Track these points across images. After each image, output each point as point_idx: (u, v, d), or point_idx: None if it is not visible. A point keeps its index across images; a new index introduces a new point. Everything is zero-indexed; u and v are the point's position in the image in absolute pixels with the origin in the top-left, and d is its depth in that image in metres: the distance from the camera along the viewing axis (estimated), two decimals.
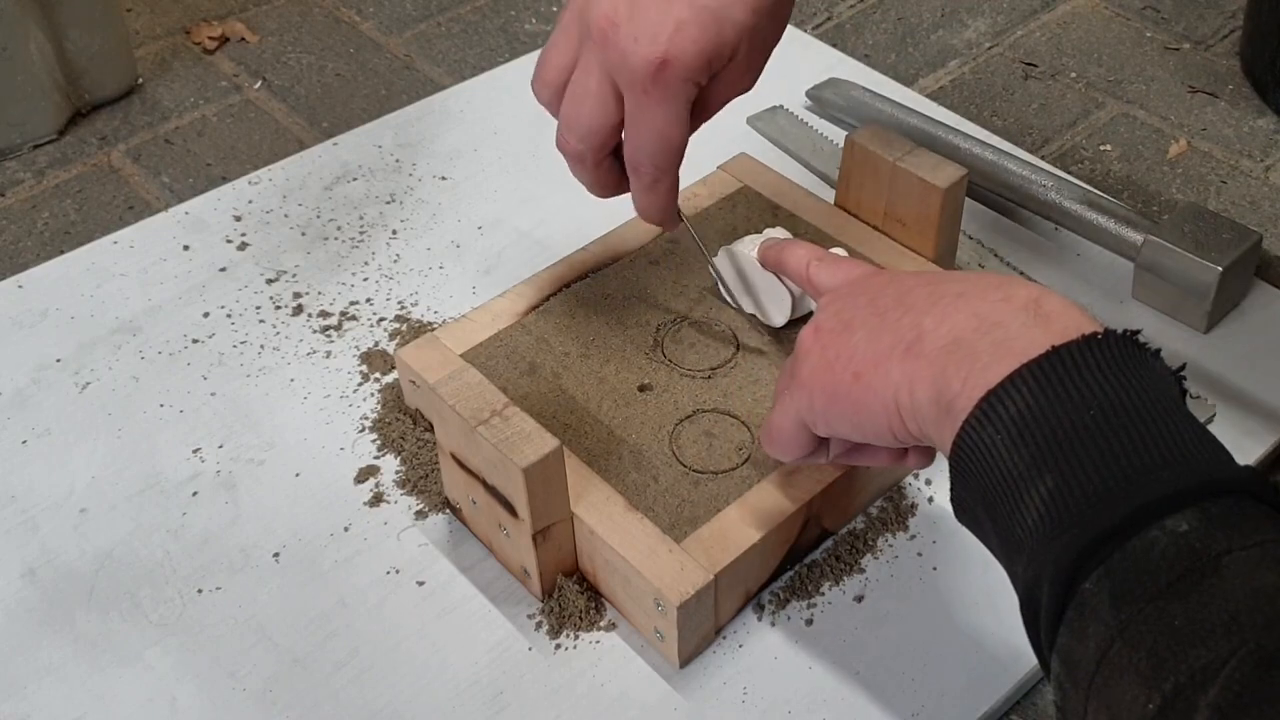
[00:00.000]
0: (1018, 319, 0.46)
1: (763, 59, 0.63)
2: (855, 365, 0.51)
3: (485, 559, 0.66)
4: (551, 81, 0.62)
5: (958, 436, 0.45)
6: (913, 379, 0.48)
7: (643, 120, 0.60)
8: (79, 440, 0.73)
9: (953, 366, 0.46)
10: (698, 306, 0.74)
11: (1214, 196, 0.90)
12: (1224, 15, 1.07)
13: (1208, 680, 0.36)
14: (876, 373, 0.50)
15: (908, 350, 0.49)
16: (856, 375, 0.50)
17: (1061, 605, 0.41)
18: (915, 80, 1.02)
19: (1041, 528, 0.42)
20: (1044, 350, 0.44)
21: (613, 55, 0.58)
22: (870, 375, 0.50)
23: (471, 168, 0.92)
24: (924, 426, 0.48)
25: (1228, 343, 0.77)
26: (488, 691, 0.61)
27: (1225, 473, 0.42)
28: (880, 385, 0.49)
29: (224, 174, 0.94)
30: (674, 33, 0.57)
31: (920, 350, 0.48)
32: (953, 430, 0.46)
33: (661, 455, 0.65)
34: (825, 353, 0.52)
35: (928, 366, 0.47)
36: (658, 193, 0.63)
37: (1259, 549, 0.39)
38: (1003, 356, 0.45)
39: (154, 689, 0.62)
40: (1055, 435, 0.43)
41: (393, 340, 0.78)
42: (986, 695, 0.60)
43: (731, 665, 0.62)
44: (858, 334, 0.51)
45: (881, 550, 0.66)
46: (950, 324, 0.48)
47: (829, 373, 0.52)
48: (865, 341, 0.51)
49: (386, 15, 1.12)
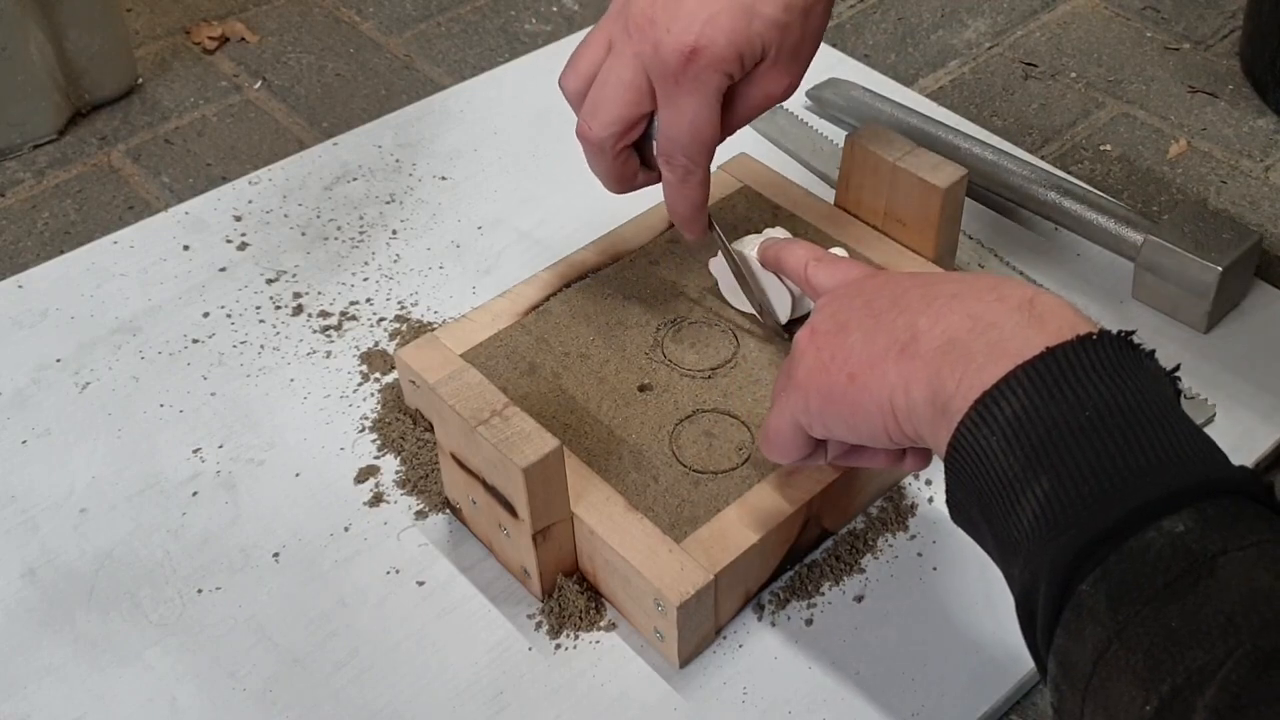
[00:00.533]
0: (1012, 319, 0.46)
1: (797, 66, 0.64)
2: (850, 366, 0.51)
3: (485, 559, 0.66)
4: (583, 72, 0.63)
5: (953, 438, 0.45)
6: (908, 380, 0.48)
7: (674, 109, 0.61)
8: (79, 440, 0.74)
9: (947, 368, 0.46)
10: (698, 306, 0.74)
11: (1214, 196, 0.90)
12: (1224, 15, 1.07)
13: (1204, 682, 0.36)
14: (872, 374, 0.50)
15: (902, 351, 0.49)
16: (852, 376, 0.50)
17: (1058, 607, 0.41)
18: (915, 80, 1.02)
19: (1037, 529, 0.42)
20: (1039, 351, 0.44)
21: (646, 46, 0.60)
22: (865, 376, 0.50)
23: (471, 168, 0.92)
24: (919, 428, 0.48)
25: (1228, 343, 0.77)
26: (488, 691, 0.61)
27: (1221, 473, 0.42)
28: (875, 386, 0.49)
29: (224, 174, 0.94)
30: (706, 22, 0.59)
31: (915, 351, 0.48)
32: (948, 432, 0.46)
33: (661, 455, 0.65)
34: (820, 354, 0.52)
35: (923, 368, 0.47)
36: (689, 186, 0.65)
37: (1255, 549, 0.39)
38: (998, 358, 0.45)
39: (154, 689, 0.62)
40: (1050, 437, 0.43)
41: (393, 340, 0.78)
42: (986, 695, 0.60)
43: (731, 665, 0.62)
44: (853, 335, 0.51)
45: (881, 550, 0.66)
46: (945, 325, 0.48)
47: (824, 374, 0.52)
48: (860, 343, 0.51)
49: (386, 15, 1.12)
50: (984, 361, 0.45)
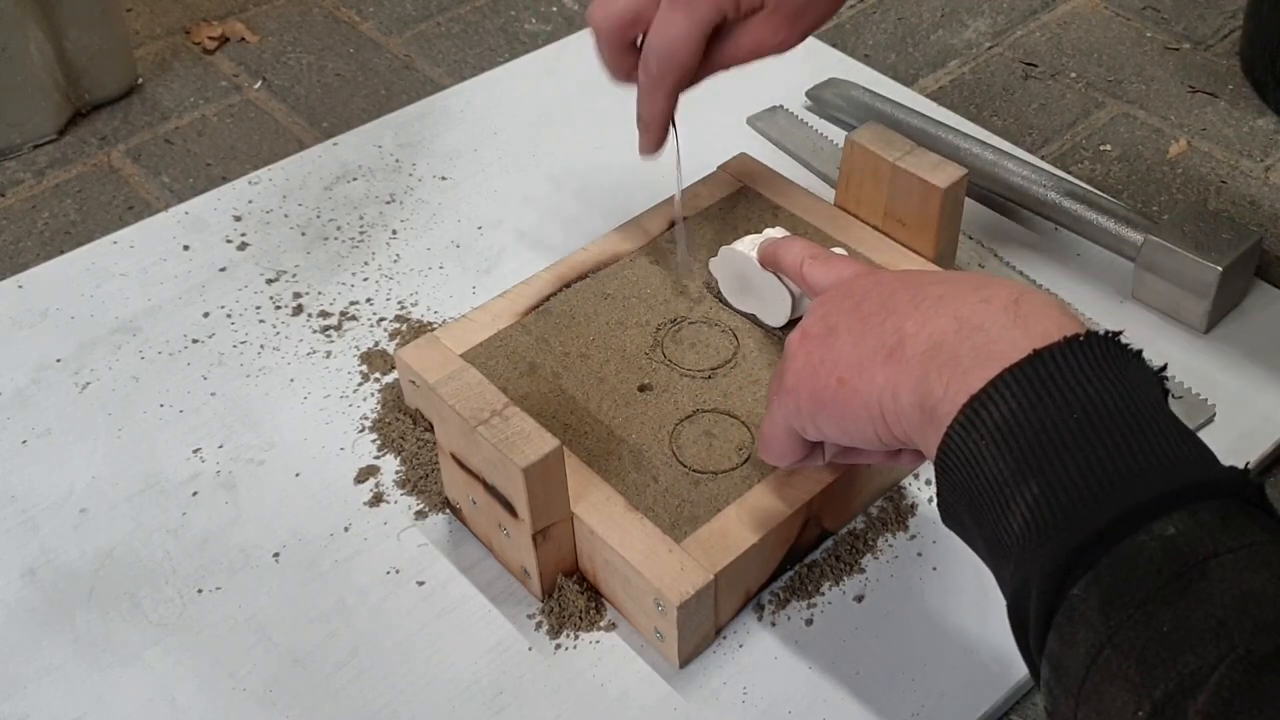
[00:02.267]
0: (998, 321, 0.46)
1: (797, 26, 0.66)
2: (840, 370, 0.51)
3: (485, 559, 0.66)
4: None
5: (942, 443, 0.45)
6: (896, 384, 0.48)
7: (664, 21, 0.64)
8: (79, 440, 0.74)
9: (935, 371, 0.46)
10: (698, 306, 0.74)
11: (1214, 196, 0.90)
12: (1224, 15, 1.07)
13: (1196, 687, 0.36)
14: (860, 378, 0.50)
15: (890, 355, 0.49)
16: (841, 380, 0.50)
17: (1050, 611, 0.41)
18: (915, 80, 1.02)
19: (1028, 534, 0.42)
20: (1025, 354, 0.44)
21: None
22: (854, 380, 0.50)
23: (471, 168, 0.92)
24: (909, 431, 0.48)
25: (1228, 343, 0.77)
26: (488, 691, 0.61)
27: (1212, 474, 0.42)
28: (864, 390, 0.49)
29: (224, 174, 0.94)
30: None
31: (902, 355, 0.48)
32: (937, 436, 0.46)
33: (661, 455, 0.65)
34: (810, 357, 0.52)
35: (910, 371, 0.47)
36: (654, 96, 0.67)
37: (1247, 551, 0.39)
38: (984, 361, 0.45)
39: (154, 689, 0.62)
40: (1039, 440, 0.42)
41: (393, 340, 0.78)
42: (986, 695, 0.60)
43: (731, 665, 0.62)
44: (841, 338, 0.51)
45: (881, 550, 0.66)
46: (931, 328, 0.48)
47: (814, 378, 0.52)
48: (849, 346, 0.51)
49: (386, 15, 1.12)
50: (970, 365, 0.45)
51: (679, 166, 0.73)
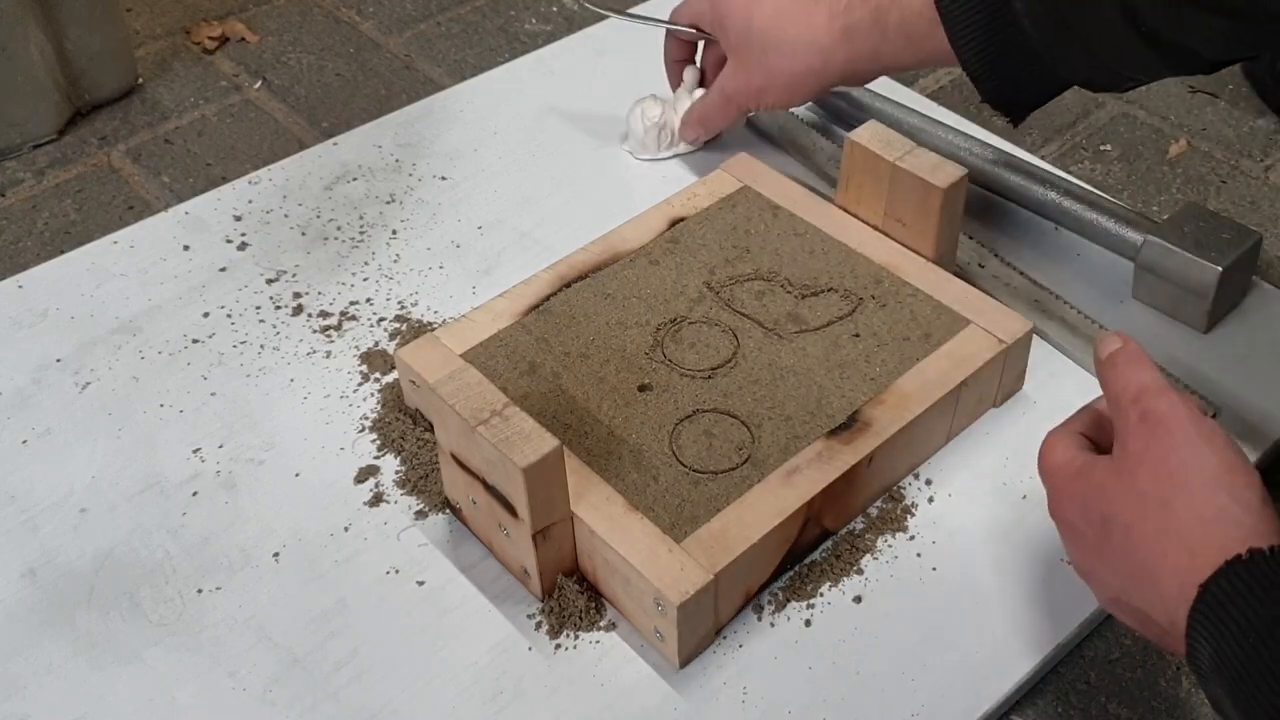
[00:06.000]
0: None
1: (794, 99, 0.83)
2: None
3: (485, 559, 0.66)
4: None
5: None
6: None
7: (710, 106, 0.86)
8: (79, 440, 0.74)
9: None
10: (698, 306, 0.74)
11: (1214, 196, 0.90)
12: None
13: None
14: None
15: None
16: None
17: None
18: (915, 80, 1.02)
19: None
20: (1194, 593, 0.47)
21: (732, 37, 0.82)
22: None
23: (471, 168, 0.92)
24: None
25: (1228, 343, 0.77)
26: (488, 691, 0.61)
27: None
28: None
29: (224, 174, 0.94)
30: (763, 86, 0.81)
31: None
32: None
33: (661, 455, 0.65)
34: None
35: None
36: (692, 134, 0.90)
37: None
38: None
39: (154, 689, 0.62)
40: (1236, 678, 0.45)
41: (393, 340, 0.78)
42: (986, 695, 0.60)
43: (731, 665, 0.62)
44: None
45: (881, 551, 0.66)
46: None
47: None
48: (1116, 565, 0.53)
49: (386, 15, 1.12)
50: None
51: None
